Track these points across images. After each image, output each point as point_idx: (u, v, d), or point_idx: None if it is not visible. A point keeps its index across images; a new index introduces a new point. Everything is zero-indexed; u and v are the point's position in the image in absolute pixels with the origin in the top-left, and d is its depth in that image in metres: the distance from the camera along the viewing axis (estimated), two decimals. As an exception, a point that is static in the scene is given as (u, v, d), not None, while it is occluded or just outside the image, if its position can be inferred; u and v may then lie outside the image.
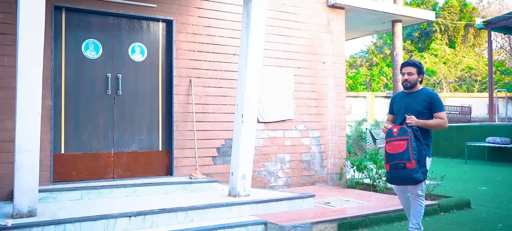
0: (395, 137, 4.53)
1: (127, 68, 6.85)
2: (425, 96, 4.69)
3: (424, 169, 4.51)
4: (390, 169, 4.52)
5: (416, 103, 4.68)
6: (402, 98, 4.86)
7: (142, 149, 6.93)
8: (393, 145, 4.52)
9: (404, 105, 4.76)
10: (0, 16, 5.93)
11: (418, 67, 4.76)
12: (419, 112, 4.64)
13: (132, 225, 4.87)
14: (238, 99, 6.14)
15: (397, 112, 4.86)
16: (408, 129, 4.50)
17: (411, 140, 4.43)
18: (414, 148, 4.42)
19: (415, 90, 4.79)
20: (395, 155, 4.48)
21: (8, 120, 5.87)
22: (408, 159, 4.39)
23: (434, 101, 4.66)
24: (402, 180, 4.51)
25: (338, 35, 8.75)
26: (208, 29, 7.41)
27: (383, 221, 5.85)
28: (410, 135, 4.44)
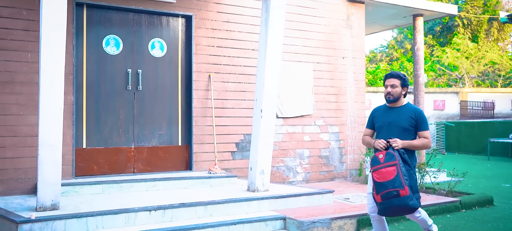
0: (382, 163, 4.07)
1: (147, 64, 6.91)
2: (411, 113, 4.31)
3: (418, 195, 4.09)
4: (382, 200, 4.02)
5: (402, 120, 4.29)
6: (384, 113, 4.44)
7: (162, 144, 6.99)
8: (381, 173, 4.05)
9: (388, 121, 4.35)
10: (23, 13, 6.04)
11: (402, 79, 4.35)
12: (404, 130, 4.27)
13: (153, 219, 4.92)
14: (257, 95, 6.15)
15: (379, 128, 4.42)
16: (395, 153, 4.07)
17: (400, 165, 4.01)
18: (404, 173, 4.01)
19: (399, 104, 4.39)
20: (386, 184, 4.00)
21: (31, 115, 5.99)
22: (401, 185, 3.95)
23: (420, 119, 4.30)
24: (398, 210, 4.06)
25: (358, 29, 8.67)
26: (227, 24, 7.43)
27: (403, 217, 5.78)
28: (398, 159, 4.02)
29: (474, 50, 30.49)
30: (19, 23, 6.01)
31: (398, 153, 4.10)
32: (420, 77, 9.83)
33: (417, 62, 9.92)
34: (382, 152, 4.13)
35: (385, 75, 4.41)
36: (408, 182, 4.01)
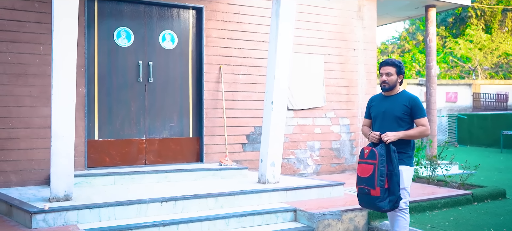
0: (365, 159, 4.06)
1: (158, 56, 6.93)
2: (405, 101, 4.19)
3: (393, 198, 3.97)
4: (358, 192, 4.12)
5: (395, 108, 4.20)
6: (380, 102, 4.35)
7: (173, 135, 7.03)
8: (361, 167, 4.07)
9: (382, 110, 4.27)
10: (36, 5, 6.08)
11: (398, 67, 4.25)
12: (398, 118, 4.16)
13: (164, 210, 4.96)
14: (267, 87, 6.14)
15: (374, 117, 4.36)
16: (378, 152, 3.97)
17: (380, 165, 3.93)
18: (381, 173, 3.92)
19: (394, 93, 4.28)
20: (361, 179, 4.05)
21: (44, 107, 6.04)
22: (372, 185, 3.94)
23: (415, 106, 4.16)
24: (368, 206, 4.12)
25: (369, 21, 8.60)
26: (238, 16, 7.41)
27: (414, 210, 5.77)
28: (378, 159, 3.94)
29: (488, 42, 30.10)
30: (32, 16, 6.05)
31: (385, 151, 3.99)
32: (432, 69, 9.74)
33: (429, 54, 9.82)
34: (369, 147, 4.09)
35: (380, 63, 4.33)
36: (383, 183, 3.92)
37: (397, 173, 3.97)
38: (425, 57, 10.09)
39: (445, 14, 33.99)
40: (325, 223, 5.09)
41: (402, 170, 4.10)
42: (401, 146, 4.13)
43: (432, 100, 9.77)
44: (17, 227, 4.55)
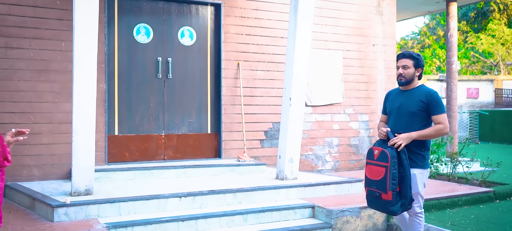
0: (375, 160, 3.86)
1: (177, 52, 6.97)
2: (421, 95, 3.93)
3: (405, 201, 3.80)
4: (367, 194, 3.96)
5: (410, 103, 3.95)
6: (396, 96, 4.12)
7: (192, 131, 7.07)
8: (371, 169, 3.88)
9: (397, 106, 4.03)
10: (57, 2, 6.18)
11: (415, 59, 3.99)
12: (413, 114, 3.91)
13: (183, 205, 5.00)
14: (286, 83, 6.13)
15: (390, 112, 4.13)
16: (389, 154, 3.76)
17: (392, 168, 3.73)
18: (394, 176, 3.73)
19: (411, 87, 4.03)
20: (372, 182, 3.86)
21: (65, 103, 6.14)
22: (384, 189, 3.74)
23: (433, 102, 3.88)
24: (379, 209, 3.96)
25: (389, 16, 8.51)
26: (256, 12, 7.40)
27: (434, 207, 5.70)
28: (390, 162, 3.73)
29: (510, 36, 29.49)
30: (53, 13, 6.15)
31: (396, 152, 3.79)
32: (453, 65, 9.59)
33: (450, 49, 9.68)
34: (378, 147, 3.88)
35: (397, 56, 4.09)
36: (395, 186, 3.73)
37: (408, 175, 3.79)
38: (445, 52, 9.94)
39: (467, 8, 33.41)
40: (343, 220, 5.07)
41: (415, 174, 3.89)
42: (415, 146, 3.89)
43: (453, 97, 9.62)
44: (40, 220, 4.64)
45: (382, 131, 3.94)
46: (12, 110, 5.95)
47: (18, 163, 5.93)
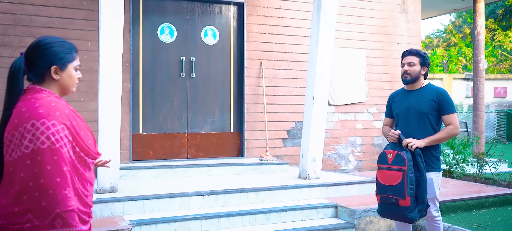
0: (389, 164, 3.65)
1: (200, 51, 7.02)
2: (432, 95, 3.75)
3: (422, 206, 3.63)
4: (381, 202, 3.73)
5: (421, 103, 3.76)
6: (403, 98, 3.92)
7: (214, 130, 7.11)
8: (385, 174, 3.66)
9: (406, 106, 3.83)
10: (84, 3, 6.29)
11: (422, 57, 3.82)
12: (424, 115, 3.74)
13: (206, 203, 5.03)
14: (308, 82, 6.10)
15: (397, 115, 3.93)
16: (406, 157, 3.57)
17: (409, 171, 3.54)
18: (411, 181, 3.54)
19: (418, 86, 3.86)
20: (387, 188, 3.63)
21: (91, 102, 6.26)
22: (402, 195, 3.54)
23: (444, 101, 3.72)
24: (394, 217, 3.76)
25: (414, 14, 8.39)
26: (279, 11, 7.40)
27: (460, 208, 5.60)
28: (407, 165, 3.55)
29: (540, 34, 28.70)
30: (80, 13, 6.27)
31: (411, 155, 3.62)
32: (480, 63, 9.40)
33: (477, 48, 9.48)
34: (392, 150, 3.69)
35: (403, 53, 3.93)
36: (413, 191, 3.55)
37: (425, 179, 3.62)
38: (472, 51, 9.75)
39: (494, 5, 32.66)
40: (367, 220, 5.02)
41: (431, 177, 3.72)
42: (430, 148, 3.74)
43: (479, 96, 9.43)
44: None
45: (394, 134, 3.75)
46: (40, 109, 6.08)
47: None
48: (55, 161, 1.82)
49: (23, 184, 1.81)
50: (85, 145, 2.00)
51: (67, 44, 2.09)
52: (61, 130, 1.87)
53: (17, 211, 1.81)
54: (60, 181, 1.82)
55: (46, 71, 2.00)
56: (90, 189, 2.02)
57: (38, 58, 1.98)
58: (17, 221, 1.81)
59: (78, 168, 1.95)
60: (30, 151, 1.81)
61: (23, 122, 1.84)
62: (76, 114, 2.03)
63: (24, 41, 6.00)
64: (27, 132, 1.83)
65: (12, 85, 1.95)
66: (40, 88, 1.98)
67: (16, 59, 1.99)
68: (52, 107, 1.88)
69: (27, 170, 1.81)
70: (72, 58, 2.08)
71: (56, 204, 1.81)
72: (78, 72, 2.12)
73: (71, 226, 1.84)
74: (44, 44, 2.00)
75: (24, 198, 1.81)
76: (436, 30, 41.22)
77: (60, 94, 2.06)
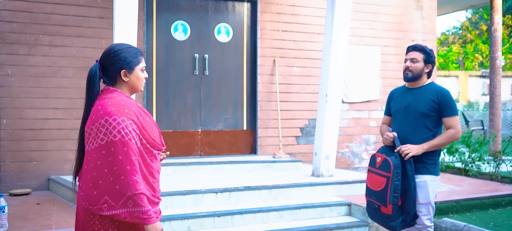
0: (377, 168, 3.46)
1: (213, 49, 7.03)
2: (432, 94, 3.48)
3: (407, 216, 3.39)
4: (367, 205, 3.61)
5: (420, 103, 3.49)
6: (402, 95, 3.67)
7: (228, 127, 7.12)
8: (372, 178, 3.50)
9: (404, 105, 3.57)
10: (98, 1, 6.34)
11: (426, 53, 3.56)
12: (422, 115, 3.47)
13: (219, 201, 5.05)
14: (322, 79, 6.08)
15: (395, 113, 3.67)
16: (392, 163, 3.35)
17: (394, 178, 3.32)
18: (396, 188, 3.31)
19: (420, 84, 3.58)
20: (371, 192, 3.49)
21: (106, 99, 6.30)
22: (384, 202, 3.35)
23: (445, 102, 3.44)
24: (378, 222, 3.59)
25: (429, 11, 8.29)
26: (292, 8, 7.37)
27: (476, 207, 5.53)
28: (393, 172, 3.33)
29: (559, 31, 28.19)
30: (94, 11, 6.32)
31: (400, 161, 3.38)
32: (497, 60, 9.26)
33: (494, 44, 9.35)
34: (381, 155, 3.48)
35: (407, 48, 3.69)
36: (396, 199, 3.32)
37: (413, 188, 3.37)
38: (489, 47, 9.61)
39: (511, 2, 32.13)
40: (380, 218, 4.98)
41: (426, 181, 3.44)
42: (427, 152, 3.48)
43: (496, 93, 9.30)
44: (82, 213, 4.78)
45: (388, 136, 3.51)
46: (56, 107, 6.16)
47: (61, 157, 6.15)
48: (125, 151, 2.12)
49: (99, 170, 2.13)
50: (151, 138, 2.27)
51: (134, 49, 2.35)
52: (129, 124, 2.16)
53: (95, 194, 2.14)
54: (130, 168, 2.12)
55: (117, 75, 2.30)
56: (157, 176, 2.31)
57: (110, 64, 2.29)
58: (96, 202, 2.14)
59: (146, 158, 2.24)
60: (105, 142, 2.13)
61: (98, 118, 2.16)
62: (143, 111, 2.32)
63: (40, 39, 6.07)
64: (102, 127, 2.14)
65: (90, 88, 2.29)
66: (113, 89, 2.29)
67: (93, 65, 2.31)
68: (121, 105, 2.19)
69: (103, 159, 2.13)
70: (138, 62, 2.34)
71: (127, 188, 2.11)
72: (144, 73, 2.38)
73: (141, 206, 2.12)
74: (114, 52, 2.30)
75: (100, 183, 2.13)
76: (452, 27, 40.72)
77: (130, 93, 2.36)
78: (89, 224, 2.18)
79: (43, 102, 6.10)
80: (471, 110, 16.25)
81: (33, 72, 6.06)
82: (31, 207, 5.08)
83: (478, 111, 17.65)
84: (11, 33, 5.96)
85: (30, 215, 4.74)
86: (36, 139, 6.06)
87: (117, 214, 2.12)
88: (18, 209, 4.97)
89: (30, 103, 6.05)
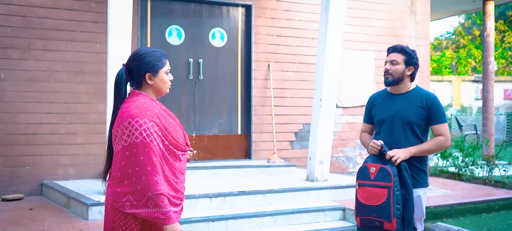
0: (372, 180, 3.07)
1: (208, 54, 7.03)
2: (420, 100, 3.20)
3: (409, 230, 3.11)
4: (361, 225, 3.14)
5: (409, 111, 3.19)
6: (386, 102, 3.35)
7: (222, 132, 7.11)
8: (367, 192, 3.07)
9: (391, 113, 3.25)
10: (92, 5, 6.33)
11: (407, 55, 3.25)
12: (412, 124, 3.19)
13: (213, 206, 5.04)
14: (316, 84, 6.09)
15: (379, 122, 3.34)
16: (392, 171, 3.02)
17: (395, 189, 2.99)
18: (397, 200, 2.99)
19: (404, 90, 3.29)
20: (369, 208, 3.04)
21: (100, 103, 6.28)
22: (388, 217, 2.97)
23: (433, 108, 3.18)
24: None
25: (423, 16, 8.34)
26: (287, 13, 7.39)
27: (470, 211, 5.55)
28: (393, 181, 2.99)
29: (551, 36, 28.45)
30: (88, 16, 6.30)
31: (396, 169, 3.07)
32: (490, 65, 9.33)
33: (486, 50, 9.42)
34: (375, 164, 3.10)
35: (387, 49, 3.38)
36: (400, 212, 3.01)
37: (412, 197, 3.08)
38: (481, 52, 9.68)
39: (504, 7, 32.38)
40: (375, 223, 4.99)
41: (419, 195, 3.18)
42: (417, 161, 3.21)
43: (489, 98, 9.36)
44: (75, 218, 4.76)
45: (376, 144, 3.16)
46: (49, 111, 6.13)
47: (54, 162, 6.11)
48: (146, 152, 2.19)
49: (123, 170, 2.23)
50: (174, 139, 2.33)
51: (158, 53, 2.40)
52: (151, 126, 2.23)
53: (119, 191, 2.24)
54: (151, 169, 2.19)
55: (142, 78, 2.36)
56: (180, 177, 2.38)
57: (135, 67, 2.36)
58: (120, 200, 2.24)
59: (168, 159, 2.30)
60: (128, 144, 2.22)
61: (123, 120, 2.25)
62: (167, 113, 2.40)
63: (34, 43, 6.05)
64: (125, 128, 2.23)
65: (117, 91, 2.38)
66: (138, 92, 2.37)
67: (119, 69, 2.38)
68: (144, 108, 2.26)
69: (126, 159, 2.22)
70: (162, 65, 2.39)
71: (148, 188, 2.18)
72: (169, 75, 2.44)
73: (161, 207, 2.19)
74: (138, 56, 2.36)
75: (125, 182, 2.23)
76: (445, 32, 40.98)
77: (156, 96, 2.42)
78: (115, 219, 2.28)
79: (36, 107, 6.07)
80: (464, 115, 16.33)
81: (26, 76, 6.03)
82: (23, 212, 5.04)
83: (471, 116, 17.75)
84: (4, 37, 5.93)
85: (23, 220, 4.70)
86: (29, 143, 6.03)
87: (139, 213, 2.21)
88: (10, 214, 4.93)
89: (23, 108, 6.01)
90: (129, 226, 2.26)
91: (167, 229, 2.22)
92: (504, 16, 33.32)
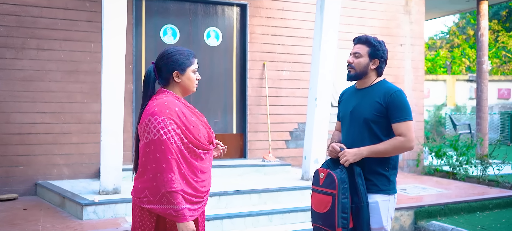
0: (321, 186, 2.79)
1: (203, 53, 7.03)
2: (379, 96, 2.84)
3: None
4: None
5: (365, 107, 2.85)
6: (349, 98, 3.03)
7: (217, 131, 7.11)
8: (316, 198, 2.81)
9: (350, 110, 2.94)
10: (87, 5, 6.30)
11: (372, 46, 2.95)
12: (367, 122, 2.83)
13: (208, 205, 5.02)
14: (311, 83, 6.10)
15: (343, 119, 3.03)
16: (337, 177, 2.71)
17: (341, 196, 2.68)
18: (344, 208, 2.68)
19: (367, 84, 2.94)
20: (317, 215, 2.79)
21: (94, 103, 6.26)
22: (332, 226, 2.69)
23: (393, 104, 2.80)
24: None
25: (417, 15, 8.37)
26: (282, 12, 7.39)
27: (464, 210, 5.58)
28: (338, 188, 2.69)
29: (544, 35, 28.61)
30: (83, 15, 6.28)
31: (347, 174, 2.76)
32: (484, 65, 9.37)
33: (480, 49, 9.46)
34: (324, 169, 2.81)
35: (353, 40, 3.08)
36: (346, 221, 2.69)
37: (366, 206, 2.74)
38: (475, 52, 9.72)
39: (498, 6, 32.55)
40: (369, 222, 5.00)
41: (377, 201, 2.79)
42: (376, 164, 2.82)
43: (483, 97, 9.40)
44: (69, 218, 4.74)
45: (334, 149, 2.85)
46: (43, 111, 6.10)
47: (49, 162, 6.08)
48: (162, 150, 2.22)
49: (144, 167, 2.28)
50: (195, 138, 2.34)
51: (186, 52, 2.45)
52: (169, 124, 2.25)
53: (140, 187, 2.30)
54: (165, 166, 2.21)
55: (170, 76, 2.41)
56: (201, 176, 2.38)
57: (163, 65, 2.40)
58: (139, 195, 2.30)
59: (187, 157, 2.31)
60: (148, 140, 2.26)
61: (144, 118, 2.30)
62: (191, 111, 2.44)
63: (28, 42, 6.02)
64: (146, 126, 2.27)
65: (145, 89, 2.41)
66: (164, 90, 2.40)
67: (148, 67, 2.42)
68: (164, 106, 2.28)
69: (146, 156, 2.27)
70: (190, 64, 2.45)
71: (162, 185, 2.21)
72: (197, 74, 2.50)
73: (174, 204, 2.22)
74: (167, 54, 2.40)
75: (144, 178, 2.28)
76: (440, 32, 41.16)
77: (183, 94, 2.47)
78: (134, 213, 2.36)
79: (30, 107, 6.04)
80: (459, 114, 16.40)
81: (20, 76, 6.00)
82: (18, 212, 5.02)
83: (466, 115, 17.83)
84: (-2, 36, 5.90)
85: (17, 220, 4.68)
86: (23, 143, 6.00)
87: (154, 209, 2.25)
88: (4, 214, 4.91)
89: (17, 108, 5.98)
90: (145, 222, 2.31)
91: (179, 226, 2.24)
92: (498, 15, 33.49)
